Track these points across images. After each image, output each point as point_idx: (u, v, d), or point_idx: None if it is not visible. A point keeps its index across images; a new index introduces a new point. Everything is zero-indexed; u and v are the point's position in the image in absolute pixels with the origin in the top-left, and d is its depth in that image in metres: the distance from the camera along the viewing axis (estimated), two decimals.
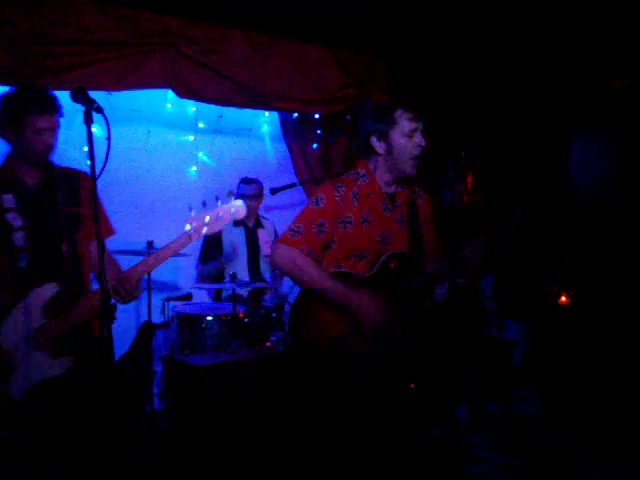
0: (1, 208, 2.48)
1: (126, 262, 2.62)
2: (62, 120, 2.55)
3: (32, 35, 3.61)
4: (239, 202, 2.51)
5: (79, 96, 2.10)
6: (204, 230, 2.46)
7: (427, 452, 3.50)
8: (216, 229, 2.49)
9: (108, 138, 2.08)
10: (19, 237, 2.47)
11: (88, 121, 2.06)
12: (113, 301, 2.43)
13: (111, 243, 2.70)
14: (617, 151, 5.34)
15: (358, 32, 4.64)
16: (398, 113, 2.64)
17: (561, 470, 3.68)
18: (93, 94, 2.19)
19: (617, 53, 4.91)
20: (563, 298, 4.95)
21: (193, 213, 2.46)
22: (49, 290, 2.45)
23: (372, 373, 2.59)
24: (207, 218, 2.46)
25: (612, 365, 4.50)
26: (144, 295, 3.92)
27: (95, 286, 2.58)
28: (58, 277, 2.48)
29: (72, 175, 2.66)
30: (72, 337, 2.44)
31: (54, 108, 2.50)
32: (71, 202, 2.59)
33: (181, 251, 2.51)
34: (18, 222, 2.48)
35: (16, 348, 2.39)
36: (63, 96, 2.48)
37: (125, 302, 2.46)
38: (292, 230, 2.63)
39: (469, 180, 4.75)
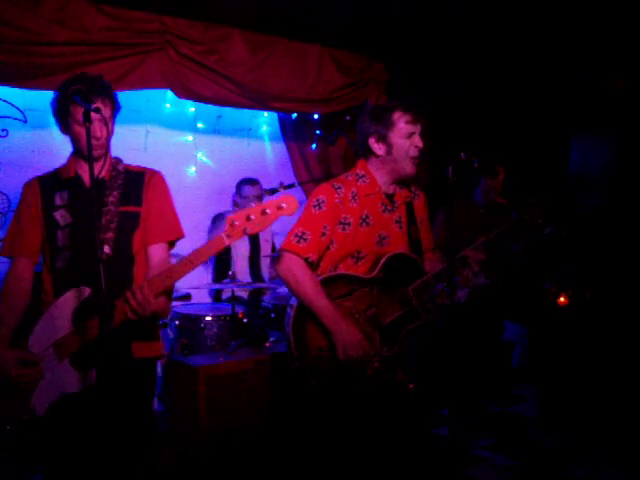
0: (52, 205, 2.40)
1: None
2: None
3: (31, 35, 3.60)
4: (289, 195, 2.12)
5: (78, 97, 2.09)
6: (246, 230, 2.06)
7: (427, 452, 3.50)
8: (260, 228, 2.08)
9: (107, 138, 2.07)
10: (62, 235, 2.37)
11: (87, 121, 2.05)
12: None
13: None
14: (616, 151, 5.35)
15: (358, 32, 4.64)
16: (396, 115, 2.66)
17: (559, 471, 3.68)
18: None
19: (617, 54, 4.91)
20: (562, 299, 4.95)
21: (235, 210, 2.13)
22: (80, 295, 2.24)
23: (374, 375, 2.59)
24: (250, 213, 2.06)
25: (611, 366, 4.50)
26: None
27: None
28: (94, 281, 2.18)
29: (137, 173, 2.51)
30: (101, 349, 2.13)
31: (100, 96, 2.31)
32: (130, 200, 2.44)
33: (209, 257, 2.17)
34: (66, 220, 2.38)
35: (42, 355, 2.24)
36: None
37: (136, 315, 2.16)
38: (296, 235, 2.60)
39: (500, 178, 4.75)
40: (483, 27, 4.52)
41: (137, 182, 2.48)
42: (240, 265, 4.78)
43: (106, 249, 2.30)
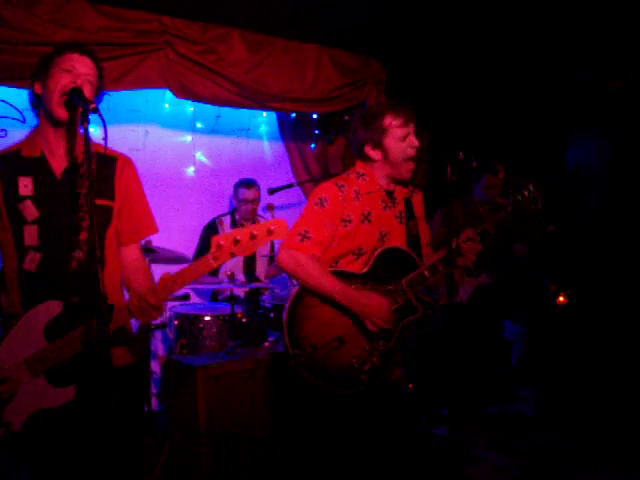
0: (15, 195, 2.12)
1: None
2: None
3: (29, 35, 3.60)
4: (279, 219, 2.08)
5: (76, 96, 2.08)
6: (233, 253, 1.99)
7: (427, 452, 3.50)
8: (248, 252, 2.02)
9: (105, 138, 2.05)
10: (29, 232, 2.11)
11: (84, 121, 2.03)
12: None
13: None
14: (614, 150, 5.35)
15: (356, 32, 4.64)
16: (388, 120, 2.65)
17: (558, 470, 3.68)
18: None
19: (615, 53, 4.91)
20: (561, 298, 4.95)
21: (223, 231, 2.04)
22: (52, 308, 2.07)
23: (372, 372, 2.59)
24: (237, 236, 1.98)
25: (610, 365, 4.50)
26: None
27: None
28: (67, 290, 2.10)
29: (109, 158, 2.22)
30: (80, 364, 2.04)
31: (89, 51, 2.19)
32: (102, 192, 2.20)
33: (201, 276, 2.07)
34: (32, 214, 2.12)
35: (14, 371, 2.05)
36: None
37: (142, 321, 2.09)
38: (299, 234, 2.59)
39: (501, 175, 4.74)
40: (483, 27, 4.52)
41: (109, 170, 2.24)
42: (233, 264, 4.76)
43: (79, 254, 2.11)
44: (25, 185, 2.12)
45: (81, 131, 2.12)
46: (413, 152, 2.65)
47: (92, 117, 2.04)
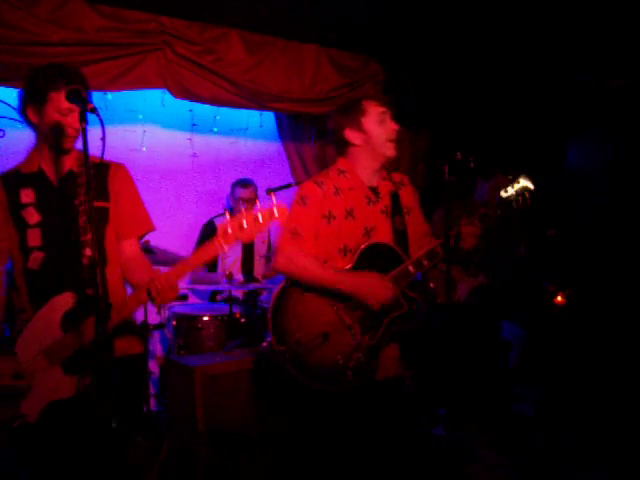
0: (18, 204, 2.30)
1: None
2: None
3: (27, 35, 3.60)
4: (280, 203, 2.12)
5: (74, 96, 2.08)
6: (239, 238, 2.08)
7: (426, 451, 3.50)
8: (253, 236, 2.10)
9: (102, 138, 2.06)
10: (33, 235, 2.28)
11: (83, 121, 2.04)
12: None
13: None
14: (615, 151, 5.35)
15: (355, 32, 4.64)
16: (365, 102, 2.75)
17: (558, 471, 3.68)
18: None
19: (615, 52, 4.90)
20: (559, 298, 4.95)
21: (227, 216, 2.09)
22: (68, 301, 2.20)
23: (357, 368, 2.58)
24: (242, 220, 2.05)
25: (609, 365, 4.50)
26: None
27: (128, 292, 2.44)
28: (76, 284, 2.22)
29: (102, 165, 2.35)
30: (92, 354, 2.12)
31: (82, 80, 2.28)
32: (98, 195, 2.34)
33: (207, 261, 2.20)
34: (34, 218, 2.29)
35: (32, 363, 2.18)
36: None
37: (159, 302, 2.21)
38: (290, 232, 2.62)
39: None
40: (482, 27, 4.52)
41: (103, 175, 2.40)
42: (231, 264, 4.75)
43: (88, 252, 2.23)
44: (27, 195, 2.32)
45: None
46: (394, 134, 2.71)
47: (91, 118, 2.06)
